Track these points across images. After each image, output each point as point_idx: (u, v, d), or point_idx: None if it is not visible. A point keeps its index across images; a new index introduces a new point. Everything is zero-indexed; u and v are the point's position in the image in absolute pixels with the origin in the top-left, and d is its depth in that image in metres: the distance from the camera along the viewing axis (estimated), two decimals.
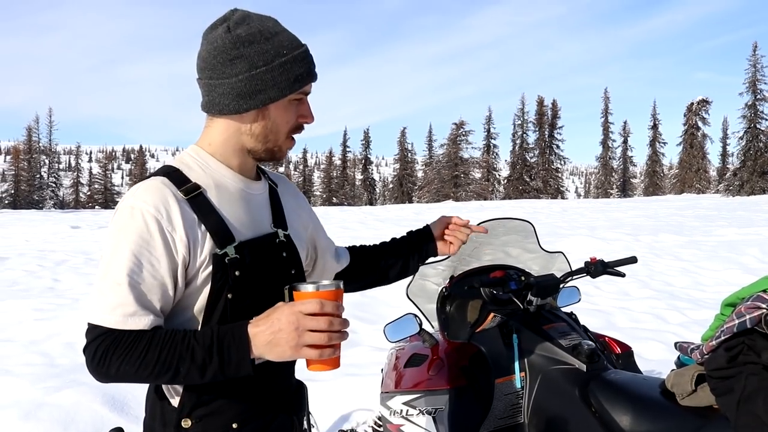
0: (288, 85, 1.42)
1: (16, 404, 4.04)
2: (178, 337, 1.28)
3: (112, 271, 1.31)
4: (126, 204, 1.35)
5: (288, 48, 1.42)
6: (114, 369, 1.28)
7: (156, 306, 1.32)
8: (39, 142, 71.16)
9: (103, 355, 1.28)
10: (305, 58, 1.45)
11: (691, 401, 1.88)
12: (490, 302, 2.48)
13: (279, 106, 1.45)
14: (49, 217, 32.20)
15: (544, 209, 29.29)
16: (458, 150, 65.71)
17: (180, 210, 1.35)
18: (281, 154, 1.51)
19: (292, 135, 1.51)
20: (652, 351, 5.22)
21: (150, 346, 1.27)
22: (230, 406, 1.41)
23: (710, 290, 8.17)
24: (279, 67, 1.40)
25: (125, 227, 1.33)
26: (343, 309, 1.30)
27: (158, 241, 1.32)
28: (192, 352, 1.26)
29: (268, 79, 1.40)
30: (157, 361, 1.26)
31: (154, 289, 1.32)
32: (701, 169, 61.18)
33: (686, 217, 22.23)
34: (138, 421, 3.82)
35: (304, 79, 1.44)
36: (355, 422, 3.88)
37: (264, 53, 1.40)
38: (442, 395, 2.34)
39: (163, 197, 1.34)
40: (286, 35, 1.45)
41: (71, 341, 5.79)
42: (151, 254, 1.32)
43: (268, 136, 1.47)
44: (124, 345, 1.27)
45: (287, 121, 1.47)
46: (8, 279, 10.01)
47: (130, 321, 1.29)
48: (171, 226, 1.33)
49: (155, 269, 1.32)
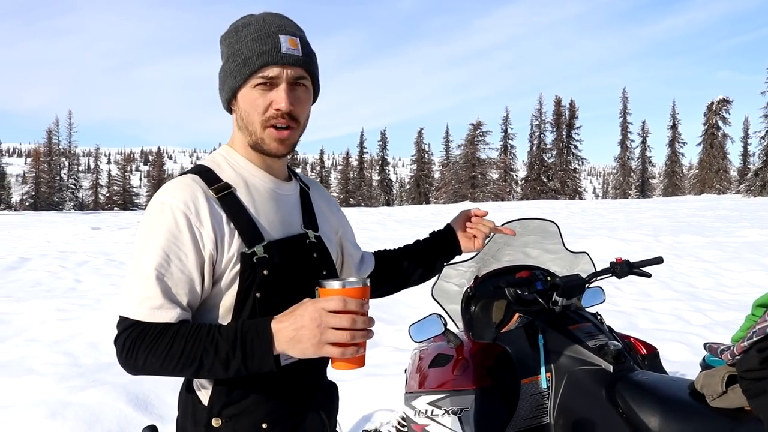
0: (239, 70, 1.41)
1: (43, 403, 4.09)
2: (203, 331, 1.30)
3: (141, 265, 1.33)
4: (157, 200, 1.38)
5: (247, 35, 1.41)
6: (141, 361, 1.29)
7: (183, 300, 1.34)
8: (59, 145, 72.00)
9: (131, 347, 1.29)
10: (261, 41, 1.39)
11: (721, 402, 1.85)
12: (515, 302, 2.47)
13: (243, 94, 1.43)
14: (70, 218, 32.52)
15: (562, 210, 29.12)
16: (475, 150, 65.54)
17: (209, 207, 1.37)
18: (267, 146, 1.45)
19: (271, 125, 1.43)
20: (676, 353, 5.17)
21: (175, 339, 1.28)
22: (260, 406, 1.42)
23: (733, 291, 8.08)
24: (233, 54, 1.42)
25: (155, 222, 1.35)
26: (368, 307, 1.29)
27: (186, 236, 1.34)
28: (216, 345, 1.27)
29: (227, 69, 1.44)
30: (182, 353, 1.28)
31: (182, 284, 1.34)
32: (721, 169, 60.54)
33: (707, 217, 22.00)
34: (162, 419, 3.87)
35: (253, 62, 1.39)
36: (377, 422, 3.88)
37: (229, 46, 1.44)
38: (467, 395, 2.33)
39: (193, 194, 1.37)
40: (257, 25, 1.42)
41: (94, 341, 5.85)
42: (180, 249, 1.33)
43: (248, 128, 1.45)
44: (151, 337, 1.29)
45: (254, 109, 1.42)
46: (31, 279, 10.12)
47: (157, 314, 1.31)
48: (199, 221, 1.35)
49: (183, 264, 1.33)
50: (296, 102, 1.43)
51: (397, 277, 1.92)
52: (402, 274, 1.92)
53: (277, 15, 1.47)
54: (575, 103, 67.10)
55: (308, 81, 1.47)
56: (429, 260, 1.94)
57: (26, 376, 4.83)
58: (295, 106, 1.43)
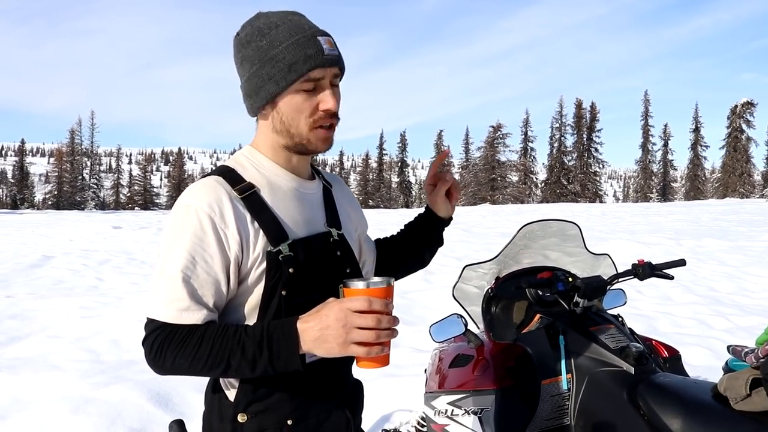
0: (283, 75, 1.39)
1: (66, 399, 4.14)
2: (230, 332, 1.31)
3: (167, 268, 1.34)
4: (182, 203, 1.39)
5: (283, 38, 1.39)
6: (170, 362, 1.31)
7: (209, 302, 1.35)
8: (81, 145, 72.74)
9: (159, 348, 1.31)
10: (303, 44, 1.39)
11: (745, 406, 1.84)
12: (536, 303, 2.47)
13: (285, 98, 1.42)
14: (92, 217, 32.87)
15: (582, 213, 28.92)
16: (495, 153, 65.27)
17: (233, 208, 1.38)
18: (312, 146, 1.46)
19: (319, 125, 1.44)
20: (698, 357, 5.12)
21: (203, 340, 1.30)
22: (286, 403, 1.43)
23: (756, 296, 7.98)
24: (271, 60, 1.39)
25: (180, 225, 1.36)
26: (393, 307, 1.30)
27: (211, 238, 1.35)
28: (243, 346, 1.29)
29: (264, 75, 1.41)
30: (209, 354, 1.29)
31: (208, 285, 1.35)
32: (745, 173, 59.80)
33: (730, 222, 21.72)
34: (183, 417, 3.88)
35: (300, 66, 1.38)
36: (397, 422, 3.88)
37: (259, 50, 1.41)
38: (488, 395, 2.33)
39: (217, 196, 1.38)
40: (287, 27, 1.41)
41: (116, 338, 5.92)
42: (205, 251, 1.35)
43: (290, 130, 1.44)
44: (179, 339, 1.31)
45: (300, 112, 1.42)
46: (54, 277, 10.26)
47: (184, 315, 1.32)
48: (224, 223, 1.36)
49: (209, 266, 1.35)
50: (338, 101, 1.46)
51: (397, 265, 1.90)
52: (396, 263, 1.89)
53: (300, 15, 1.47)
54: (596, 106, 66.60)
55: (340, 78, 1.49)
56: (418, 246, 1.89)
57: (50, 371, 4.90)
58: (338, 106, 1.46)
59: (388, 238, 1.94)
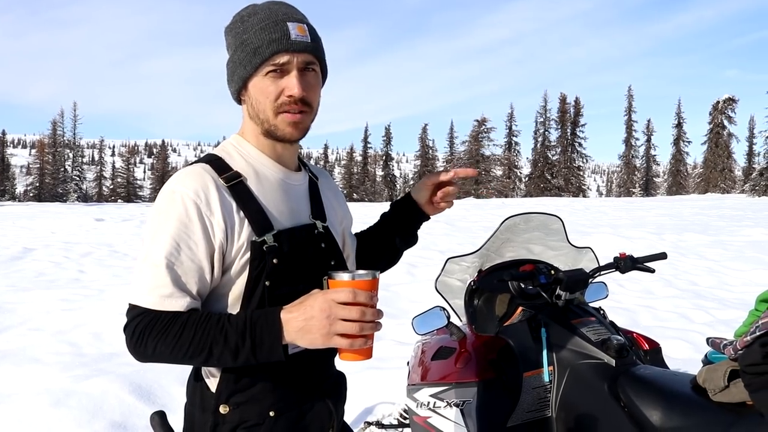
0: (249, 59, 1.41)
1: (47, 392, 4.11)
2: (212, 320, 1.31)
3: (151, 253, 1.34)
4: (168, 189, 1.38)
5: (254, 24, 1.42)
6: (151, 349, 1.30)
7: (193, 289, 1.35)
8: (63, 136, 71.87)
9: (141, 335, 1.30)
10: (269, 29, 1.40)
11: (723, 397, 1.86)
12: (518, 296, 2.48)
13: (255, 83, 1.44)
14: (74, 209, 32.55)
15: (566, 207, 29.06)
16: (480, 147, 65.49)
17: (219, 196, 1.37)
18: (281, 132, 1.46)
19: (283, 111, 1.43)
20: (678, 350, 5.17)
21: (185, 328, 1.29)
22: (268, 394, 1.43)
23: (737, 290, 8.08)
24: (242, 44, 1.43)
25: (165, 211, 1.36)
26: (378, 299, 1.30)
27: (197, 225, 1.34)
28: (225, 334, 1.28)
29: (236, 60, 1.44)
30: (191, 342, 1.29)
31: (192, 272, 1.34)
32: (726, 168, 60.36)
33: (711, 216, 21.95)
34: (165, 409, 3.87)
35: (263, 50, 1.39)
36: (379, 414, 3.89)
37: (236, 36, 1.45)
38: (470, 388, 2.34)
39: (203, 183, 1.37)
40: (264, 14, 1.44)
41: (97, 331, 5.89)
42: (190, 238, 1.34)
43: (259, 116, 1.46)
44: (161, 325, 1.30)
45: (266, 96, 1.42)
46: (35, 270, 10.17)
47: (166, 302, 1.32)
48: (209, 210, 1.35)
49: (193, 252, 1.34)
50: (307, 87, 1.44)
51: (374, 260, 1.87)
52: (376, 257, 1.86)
53: (282, 3, 1.48)
54: (580, 101, 66.93)
55: (317, 66, 1.48)
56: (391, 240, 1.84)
57: (30, 364, 4.86)
58: (307, 92, 1.44)
59: (364, 230, 1.91)
